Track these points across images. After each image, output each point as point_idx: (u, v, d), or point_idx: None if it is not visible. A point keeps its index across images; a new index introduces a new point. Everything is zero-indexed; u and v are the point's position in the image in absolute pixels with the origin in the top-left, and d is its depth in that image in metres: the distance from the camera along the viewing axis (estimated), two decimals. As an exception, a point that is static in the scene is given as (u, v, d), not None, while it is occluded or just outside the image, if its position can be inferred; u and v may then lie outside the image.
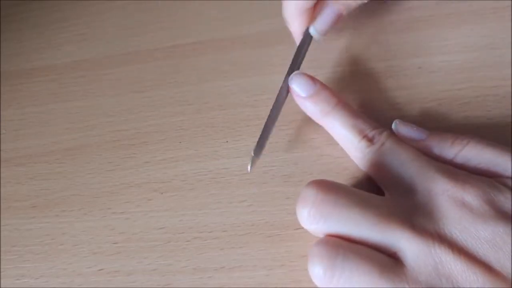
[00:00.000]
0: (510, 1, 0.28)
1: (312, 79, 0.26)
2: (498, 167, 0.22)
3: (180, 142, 0.29)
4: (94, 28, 0.34)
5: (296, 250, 0.24)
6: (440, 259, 0.20)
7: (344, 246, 0.21)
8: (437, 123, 0.26)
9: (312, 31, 0.27)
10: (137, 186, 0.28)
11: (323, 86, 0.26)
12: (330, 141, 0.26)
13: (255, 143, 0.25)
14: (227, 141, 0.28)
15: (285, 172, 0.26)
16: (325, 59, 0.29)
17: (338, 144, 0.26)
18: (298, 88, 0.26)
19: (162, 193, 0.27)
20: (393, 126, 0.25)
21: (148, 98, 0.31)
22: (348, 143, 0.25)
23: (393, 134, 0.25)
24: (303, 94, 0.26)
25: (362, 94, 0.28)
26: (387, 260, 0.20)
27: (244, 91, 0.29)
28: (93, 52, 0.33)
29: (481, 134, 0.25)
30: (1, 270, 0.26)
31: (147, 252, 0.25)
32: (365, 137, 0.24)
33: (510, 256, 0.19)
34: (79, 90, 0.32)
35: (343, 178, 0.26)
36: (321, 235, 0.22)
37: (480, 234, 0.20)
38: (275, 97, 0.26)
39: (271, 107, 0.26)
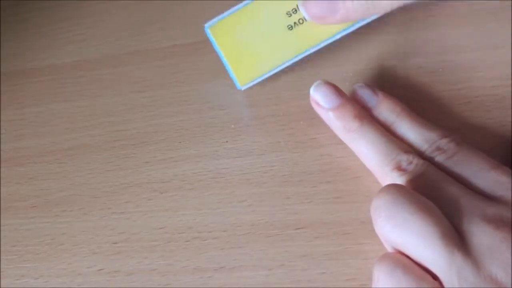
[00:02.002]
0: (510, 1, 0.28)
1: (338, 90, 0.25)
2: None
3: (180, 142, 0.29)
4: (94, 28, 0.34)
5: (296, 250, 0.24)
6: None
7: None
8: (437, 123, 0.26)
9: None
10: (137, 186, 0.28)
11: (350, 99, 0.25)
12: (330, 141, 0.26)
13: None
14: (227, 141, 0.28)
15: (285, 172, 0.26)
16: (324, 59, 0.29)
17: (338, 144, 0.26)
18: (322, 98, 0.25)
19: (162, 193, 0.27)
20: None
21: (148, 98, 0.31)
22: (376, 168, 0.24)
23: (424, 158, 0.23)
24: (326, 106, 0.25)
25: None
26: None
27: (244, 91, 0.29)
28: (93, 52, 0.33)
29: (481, 134, 0.25)
30: (1, 270, 0.26)
31: (147, 252, 0.25)
32: (397, 167, 0.23)
33: None
34: (79, 90, 0.32)
35: (344, 178, 0.26)
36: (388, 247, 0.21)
37: None
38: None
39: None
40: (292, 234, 0.25)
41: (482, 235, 0.19)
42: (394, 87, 0.27)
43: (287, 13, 0.25)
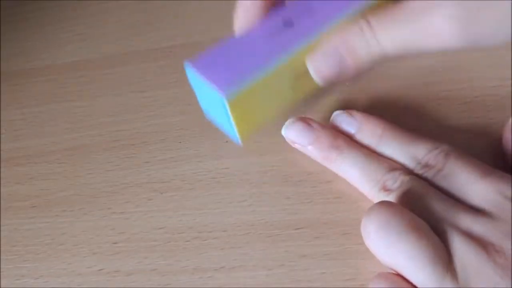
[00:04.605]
0: (510, 1, 0.28)
1: (309, 124, 0.25)
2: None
3: (180, 142, 0.29)
4: (94, 28, 0.34)
5: (296, 250, 0.24)
6: None
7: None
8: (437, 123, 0.26)
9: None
10: (137, 186, 0.28)
11: (324, 129, 0.25)
12: (330, 141, 0.26)
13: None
14: (227, 141, 0.28)
15: (285, 172, 0.26)
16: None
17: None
18: (295, 137, 0.25)
19: (162, 193, 0.27)
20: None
21: (148, 98, 0.31)
22: (366, 191, 0.24)
23: (410, 174, 0.23)
24: (302, 143, 0.25)
25: (361, 95, 0.28)
26: None
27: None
28: (93, 52, 0.33)
29: (481, 134, 0.25)
30: (1, 270, 0.26)
31: (147, 252, 0.25)
32: (383, 187, 0.23)
33: None
34: (79, 90, 0.32)
35: (343, 178, 0.26)
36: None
37: None
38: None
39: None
40: (292, 234, 0.25)
41: (467, 254, 0.19)
42: (394, 88, 0.27)
43: (295, 77, 0.24)
